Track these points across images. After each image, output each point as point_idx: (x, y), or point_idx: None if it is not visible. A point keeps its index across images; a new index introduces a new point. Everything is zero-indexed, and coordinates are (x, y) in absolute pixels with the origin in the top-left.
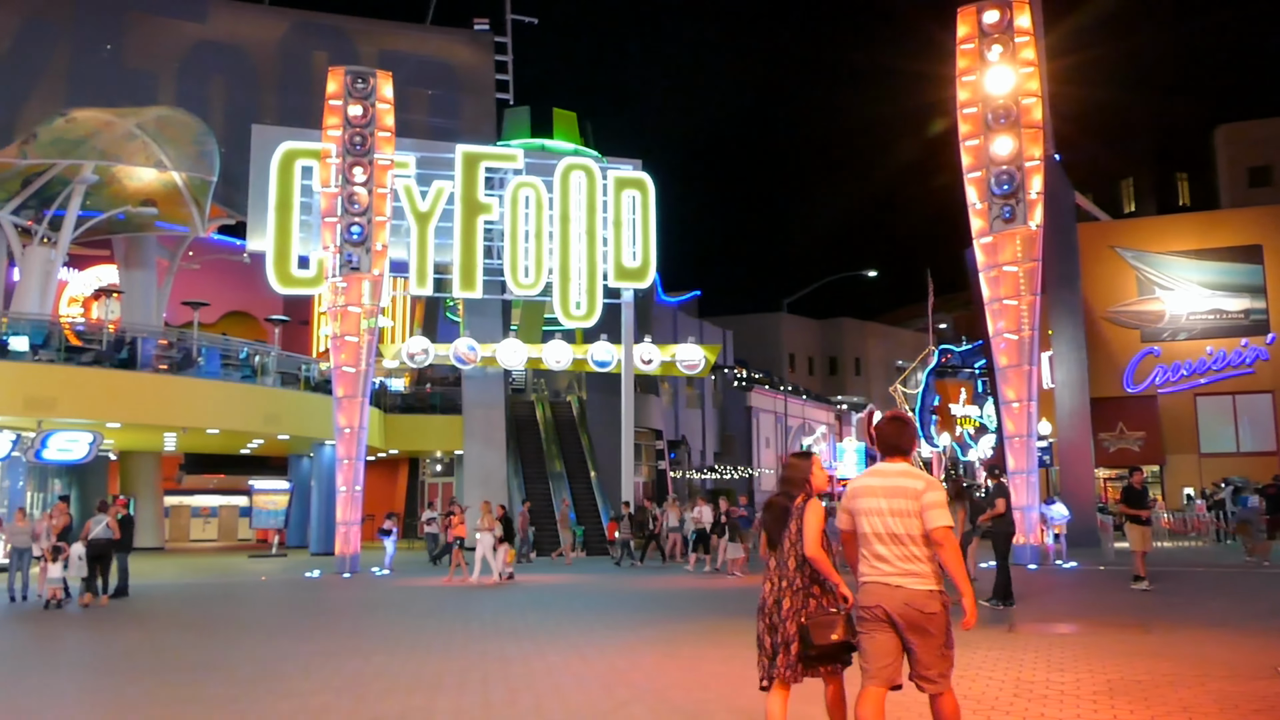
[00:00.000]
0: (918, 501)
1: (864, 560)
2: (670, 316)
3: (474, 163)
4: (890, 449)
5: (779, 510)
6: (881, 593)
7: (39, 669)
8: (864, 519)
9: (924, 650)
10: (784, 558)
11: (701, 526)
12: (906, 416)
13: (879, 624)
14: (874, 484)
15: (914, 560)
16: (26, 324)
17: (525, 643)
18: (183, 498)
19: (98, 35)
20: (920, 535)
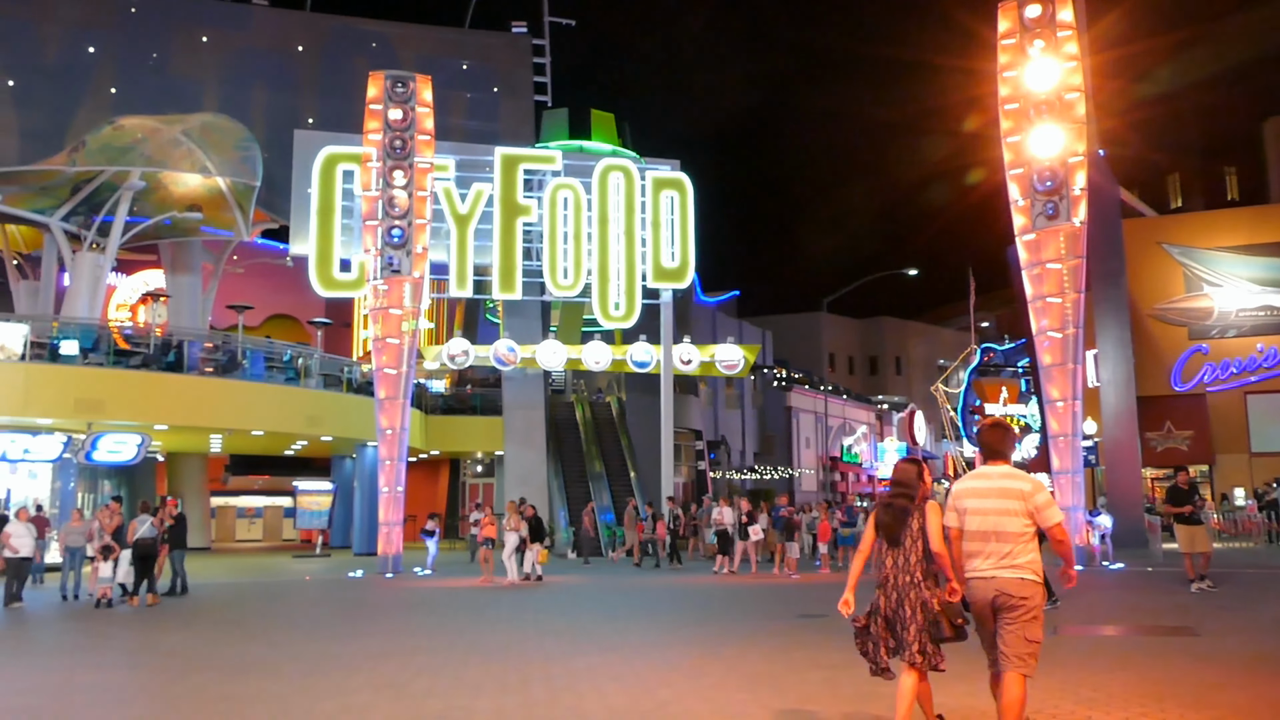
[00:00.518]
0: (1025, 502)
1: (969, 556)
2: (709, 317)
3: (513, 165)
4: (992, 453)
5: (899, 511)
6: (981, 587)
7: (87, 667)
8: (970, 517)
9: (1010, 633)
10: (905, 554)
11: (723, 528)
12: (1007, 424)
13: (986, 615)
14: (979, 486)
15: (1012, 554)
16: (76, 328)
17: (565, 643)
18: (228, 498)
19: (144, 44)
20: (1022, 532)
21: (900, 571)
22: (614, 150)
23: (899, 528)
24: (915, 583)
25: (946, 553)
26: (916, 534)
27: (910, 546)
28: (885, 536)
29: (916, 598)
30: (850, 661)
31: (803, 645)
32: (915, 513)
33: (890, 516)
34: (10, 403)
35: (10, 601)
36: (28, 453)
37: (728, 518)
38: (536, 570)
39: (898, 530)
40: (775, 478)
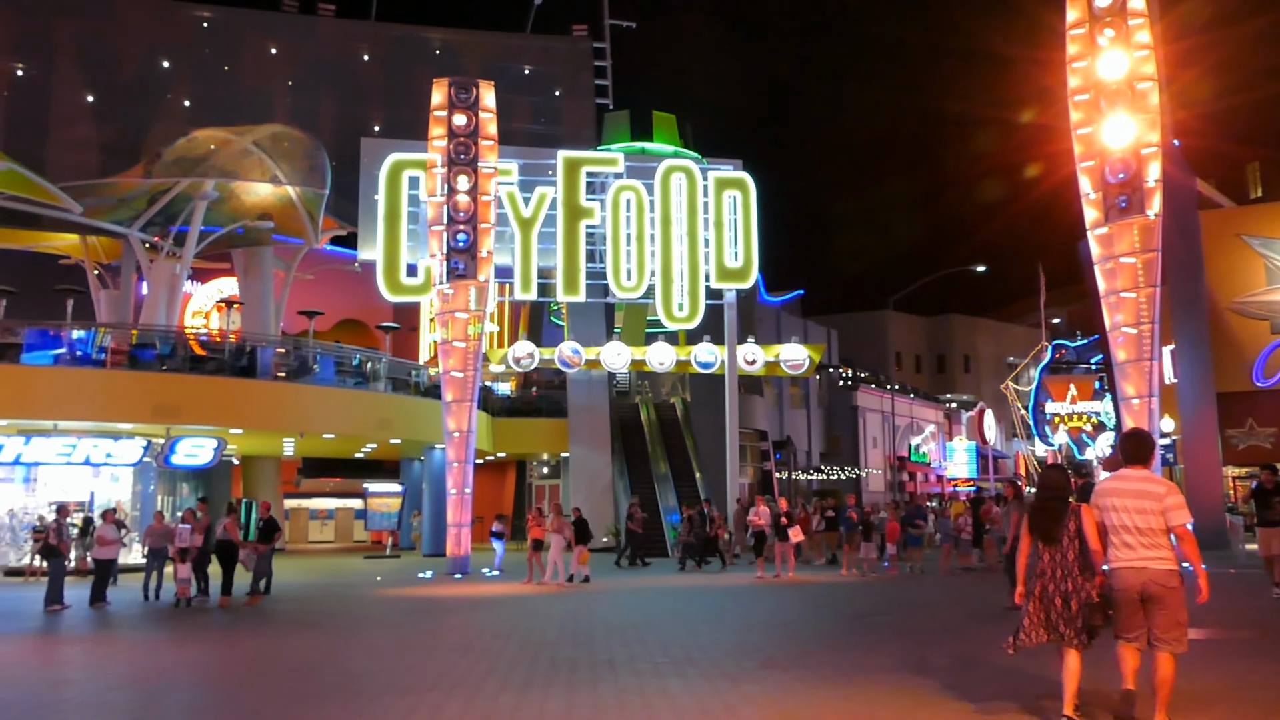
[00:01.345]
0: (1160, 503)
1: (1113, 549)
2: (773, 316)
3: (575, 168)
4: (1132, 458)
5: (1054, 513)
6: (1130, 575)
7: (164, 667)
8: (1113, 515)
9: (1160, 617)
10: (1063, 551)
11: (760, 528)
12: (1144, 432)
13: (1130, 600)
14: (1121, 487)
15: (1154, 547)
16: (154, 335)
17: (633, 645)
18: (301, 500)
19: (216, 58)
20: (1160, 528)
21: (1058, 566)
22: (676, 151)
23: (1056, 528)
24: (1073, 576)
25: (1100, 550)
26: (1073, 534)
27: (1068, 545)
28: (1041, 536)
29: (1074, 589)
30: (921, 665)
31: (872, 647)
32: (1070, 515)
33: (1046, 518)
34: (92, 408)
35: (95, 601)
36: (110, 457)
37: (765, 517)
38: (582, 572)
39: (1055, 530)
40: (842, 478)
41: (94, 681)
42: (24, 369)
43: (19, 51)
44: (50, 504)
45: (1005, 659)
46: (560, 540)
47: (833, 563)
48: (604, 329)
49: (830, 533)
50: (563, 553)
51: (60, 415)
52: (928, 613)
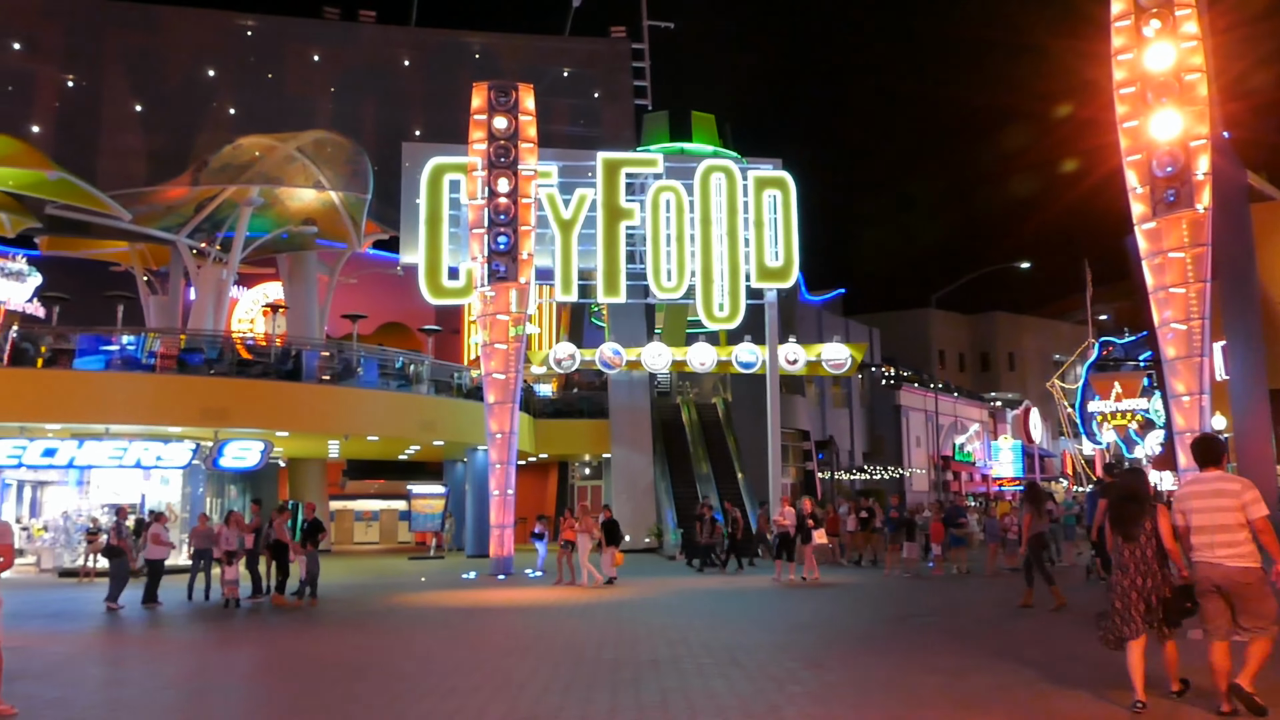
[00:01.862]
0: (1237, 499)
1: (1197, 548)
2: (815, 316)
3: (614, 169)
4: (1205, 461)
5: (1133, 513)
6: (1211, 570)
7: (212, 666)
8: (1193, 516)
9: (1248, 609)
10: (1141, 548)
11: (785, 530)
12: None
13: (1211, 593)
14: (1199, 489)
15: (1232, 545)
16: (202, 340)
17: (676, 645)
18: (346, 502)
19: (260, 66)
20: (1237, 524)
21: (1138, 562)
22: (715, 151)
23: (1134, 527)
24: (1152, 570)
25: (1177, 547)
26: (1150, 532)
27: (1145, 542)
28: (1121, 534)
29: (1154, 583)
30: (965, 666)
31: (918, 649)
32: (1147, 515)
33: (1125, 518)
34: (143, 412)
35: (147, 601)
36: (160, 460)
37: (789, 518)
38: (610, 572)
39: (1133, 529)
40: (885, 478)
41: (148, 680)
42: (77, 374)
43: (70, 64)
44: (103, 506)
45: (1052, 658)
46: (588, 541)
47: (869, 564)
48: (645, 330)
49: (865, 534)
50: (590, 554)
51: (112, 419)
52: (974, 613)
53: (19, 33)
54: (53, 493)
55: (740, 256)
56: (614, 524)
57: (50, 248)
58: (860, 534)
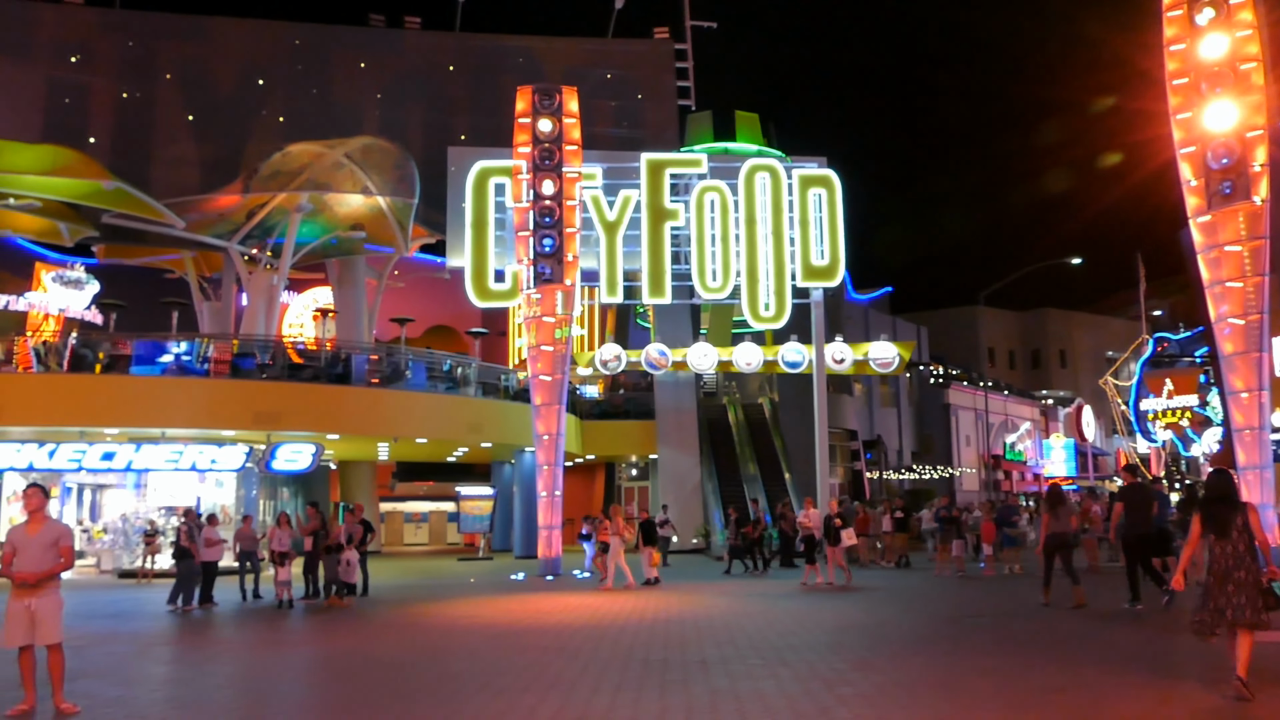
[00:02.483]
0: None
1: None
2: (861, 314)
3: (658, 170)
4: None
5: (1226, 512)
6: None
7: (266, 665)
8: None
9: None
10: (1234, 543)
11: (810, 532)
12: None
13: None
14: None
15: None
16: (254, 345)
17: (725, 646)
18: (396, 504)
19: (308, 74)
20: None
21: (1229, 557)
22: (759, 150)
23: (1227, 524)
24: (1245, 564)
25: (1267, 541)
26: (1241, 528)
27: (1237, 538)
28: (1214, 530)
29: (1245, 576)
30: (1019, 668)
31: (971, 650)
32: (1239, 513)
33: (1219, 518)
34: (197, 416)
35: (203, 602)
36: (214, 463)
37: (814, 520)
38: (650, 573)
39: (1226, 527)
40: (934, 477)
41: (204, 679)
42: (134, 379)
43: (124, 76)
44: (159, 508)
45: (1109, 660)
46: (619, 542)
47: (904, 565)
48: (690, 330)
49: (900, 534)
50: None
51: (167, 423)
52: (1027, 614)
53: (77, 47)
54: (111, 495)
55: (785, 255)
56: (651, 525)
57: (107, 256)
58: (897, 535)
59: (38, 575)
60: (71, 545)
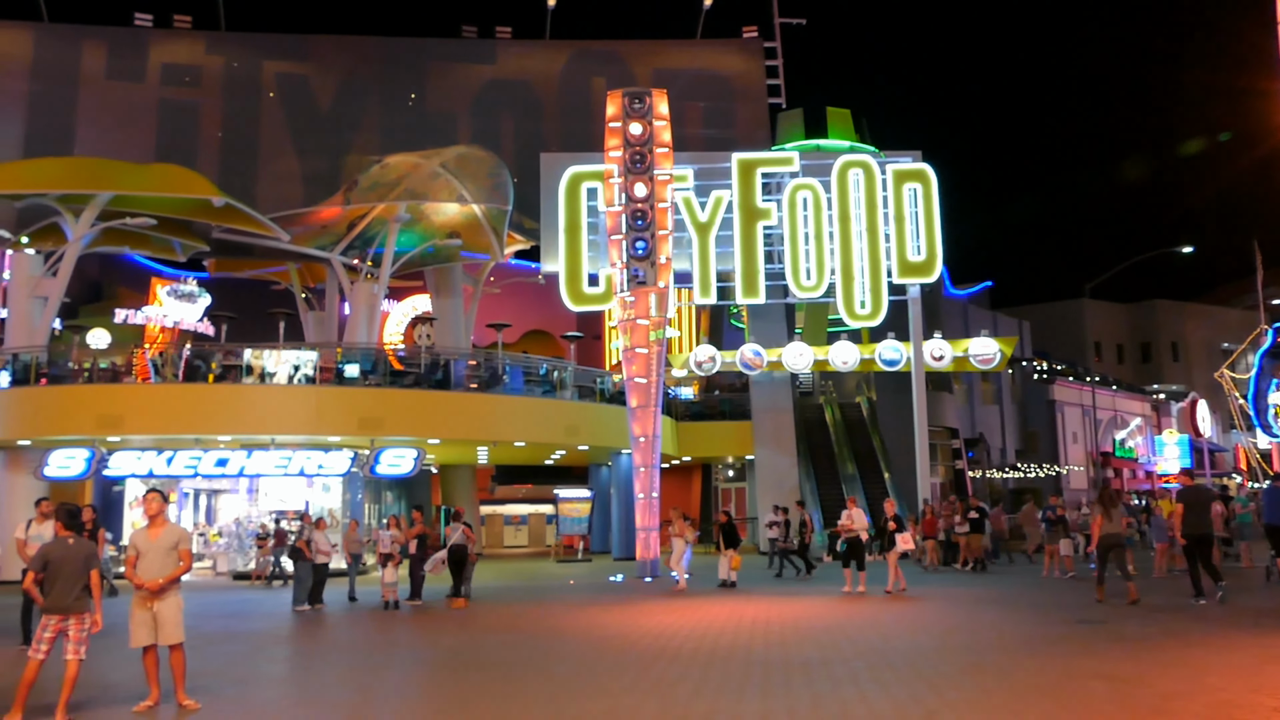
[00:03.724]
0: None
1: None
2: (960, 310)
3: (750, 169)
4: None
5: None
6: None
7: (376, 665)
8: None
9: None
10: None
11: (854, 535)
12: None
13: None
14: None
15: None
16: (357, 352)
17: (826, 648)
18: (495, 507)
19: (403, 86)
20: None
21: None
22: (852, 146)
23: None
24: None
25: None
26: None
27: None
28: None
29: None
30: (1135, 673)
31: (1084, 654)
32: None
33: None
34: (306, 422)
35: (314, 603)
36: (321, 468)
37: (858, 522)
38: (730, 576)
39: None
40: (1040, 476)
41: (318, 678)
42: (245, 388)
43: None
44: (271, 513)
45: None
46: (681, 544)
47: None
48: (785, 330)
49: (975, 535)
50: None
51: (276, 430)
52: (1143, 616)
53: (186, 70)
54: (226, 500)
55: (881, 252)
56: (732, 527)
57: (218, 270)
58: (973, 536)
59: (161, 583)
60: (190, 548)
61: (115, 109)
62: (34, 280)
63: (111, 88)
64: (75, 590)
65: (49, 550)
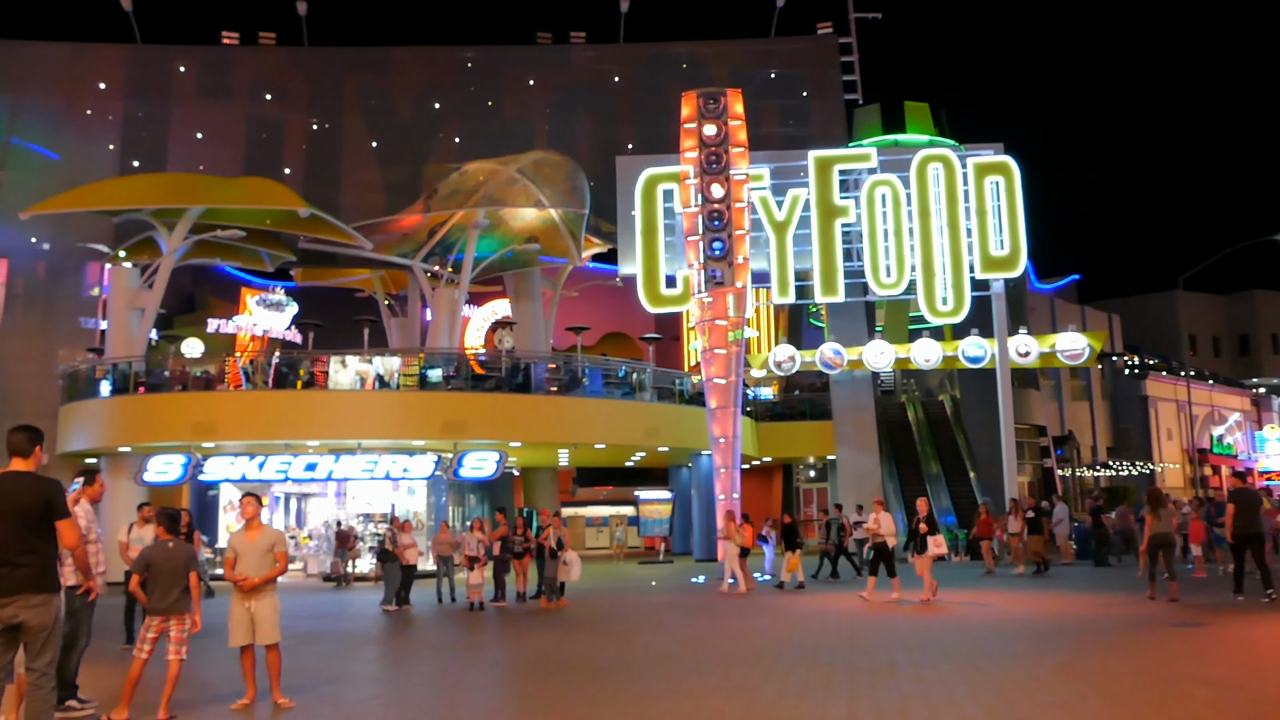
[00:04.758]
0: None
1: None
2: (1047, 304)
3: (827, 167)
4: None
5: None
6: None
7: (463, 665)
8: None
9: None
10: None
11: (881, 540)
12: None
13: None
14: None
15: None
16: (440, 357)
17: (914, 650)
18: (577, 509)
19: (480, 94)
20: None
21: None
22: (930, 140)
23: None
24: None
25: None
26: None
27: None
28: None
29: None
30: (1240, 679)
31: (1182, 658)
32: None
33: None
34: (391, 427)
35: (401, 604)
36: (406, 471)
37: (885, 526)
38: (796, 578)
39: None
40: (1133, 474)
41: (407, 678)
42: (331, 394)
43: (313, 109)
44: (358, 516)
45: None
46: (733, 547)
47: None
48: (865, 328)
49: (1034, 536)
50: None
51: (363, 434)
52: (1248, 618)
53: (271, 85)
54: (315, 504)
55: (963, 247)
56: (793, 528)
57: (304, 279)
58: (1032, 538)
59: (259, 580)
60: (286, 550)
61: (205, 125)
62: (131, 293)
63: (201, 104)
64: (175, 592)
65: (150, 553)
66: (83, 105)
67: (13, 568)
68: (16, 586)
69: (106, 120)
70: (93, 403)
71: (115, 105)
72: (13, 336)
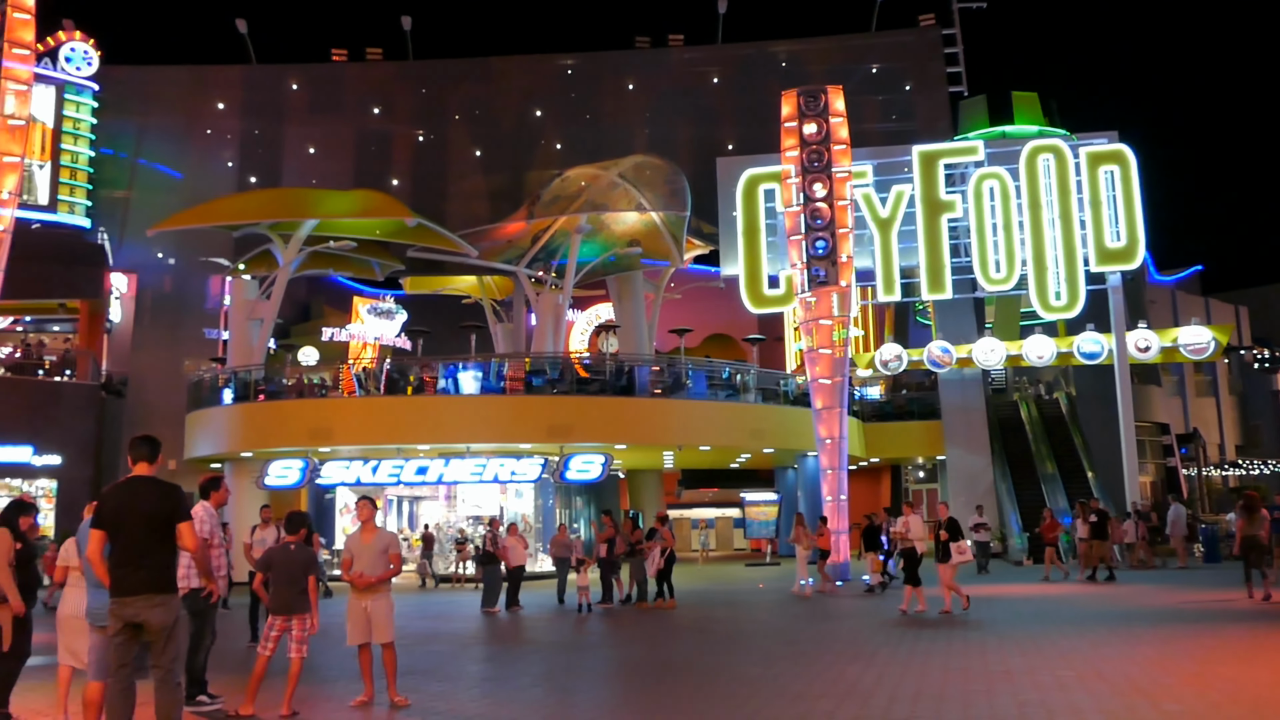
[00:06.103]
0: None
1: None
2: (1167, 297)
3: (931, 161)
4: None
5: None
6: None
7: (572, 666)
8: None
9: None
10: None
11: (910, 546)
12: None
13: None
14: None
15: None
16: (545, 361)
17: (1032, 656)
18: (682, 510)
19: (580, 100)
20: None
21: None
22: (1040, 131)
23: None
24: None
25: None
26: None
27: None
28: None
29: None
30: None
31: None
32: None
33: None
34: (497, 431)
35: (510, 605)
36: (514, 474)
37: (914, 530)
38: (877, 579)
39: None
40: (1265, 473)
41: (517, 678)
42: (440, 399)
43: (419, 121)
44: (468, 518)
45: None
46: (803, 551)
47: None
48: (974, 325)
49: (1098, 541)
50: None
51: (471, 438)
52: None
53: (379, 99)
54: (426, 506)
55: (1076, 240)
56: (874, 530)
57: (412, 288)
58: (1095, 542)
59: (374, 579)
60: (400, 552)
61: (316, 139)
62: (250, 304)
63: (313, 120)
64: (294, 592)
65: (272, 554)
66: (203, 125)
67: (135, 569)
68: (138, 587)
69: (225, 138)
70: (216, 410)
71: (233, 124)
72: (142, 348)
